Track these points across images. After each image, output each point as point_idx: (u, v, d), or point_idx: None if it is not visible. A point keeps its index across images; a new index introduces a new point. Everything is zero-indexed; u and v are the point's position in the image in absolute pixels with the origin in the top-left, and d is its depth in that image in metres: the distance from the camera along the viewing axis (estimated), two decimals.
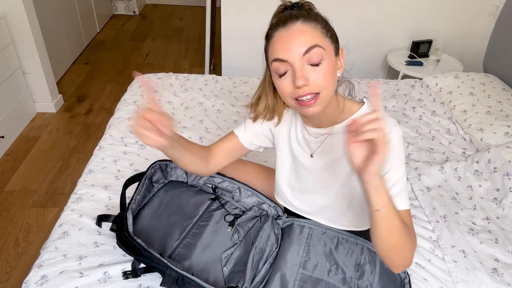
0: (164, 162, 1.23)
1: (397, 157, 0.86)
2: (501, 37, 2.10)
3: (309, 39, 0.79)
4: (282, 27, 0.81)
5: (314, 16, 0.82)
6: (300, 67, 0.79)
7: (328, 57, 0.81)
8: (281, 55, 0.80)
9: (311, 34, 0.80)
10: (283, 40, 0.80)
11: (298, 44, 0.79)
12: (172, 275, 0.93)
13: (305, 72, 0.80)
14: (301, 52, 0.79)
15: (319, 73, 0.80)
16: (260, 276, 0.98)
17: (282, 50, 0.80)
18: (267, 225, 1.09)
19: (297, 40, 0.79)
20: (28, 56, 2.43)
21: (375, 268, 1.02)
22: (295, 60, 0.79)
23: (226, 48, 2.74)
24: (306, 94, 0.80)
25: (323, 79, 0.81)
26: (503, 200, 1.43)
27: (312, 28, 0.80)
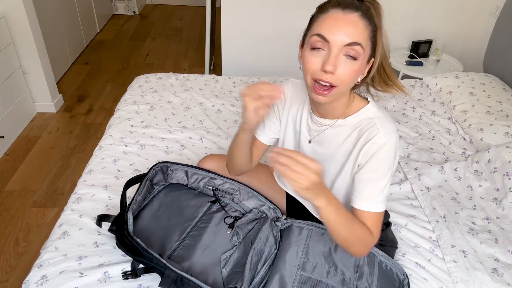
0: (165, 164, 1.24)
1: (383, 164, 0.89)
2: (501, 37, 2.10)
3: (358, 34, 0.80)
4: (340, 8, 0.81)
5: (370, 17, 0.83)
6: (337, 54, 0.81)
7: (361, 60, 0.82)
8: (326, 34, 0.80)
9: (362, 31, 0.81)
10: (335, 21, 0.80)
11: (348, 33, 0.79)
12: (171, 276, 0.93)
13: (337, 61, 0.81)
14: (345, 41, 0.80)
15: (348, 68, 0.82)
16: (259, 277, 0.98)
17: (329, 29, 0.80)
18: (266, 227, 1.09)
19: (348, 28, 0.80)
20: (28, 56, 2.43)
21: (374, 270, 1.02)
22: (336, 46, 0.80)
23: (226, 48, 2.74)
24: (326, 81, 0.82)
25: (347, 76, 0.82)
26: (503, 200, 1.43)
27: (365, 27, 0.81)
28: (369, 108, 0.94)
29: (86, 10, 3.60)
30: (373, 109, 0.94)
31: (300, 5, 2.57)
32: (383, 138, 0.88)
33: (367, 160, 0.90)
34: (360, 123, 0.93)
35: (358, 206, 0.91)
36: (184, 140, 1.66)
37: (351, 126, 0.94)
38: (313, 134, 1.01)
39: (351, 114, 0.95)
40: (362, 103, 0.95)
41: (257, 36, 2.70)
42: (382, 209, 0.91)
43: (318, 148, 1.01)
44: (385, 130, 0.89)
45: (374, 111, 0.93)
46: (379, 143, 0.88)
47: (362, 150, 0.90)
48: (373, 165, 0.89)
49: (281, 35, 2.68)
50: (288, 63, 2.80)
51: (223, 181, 1.23)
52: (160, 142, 1.63)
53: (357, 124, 0.93)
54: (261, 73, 2.78)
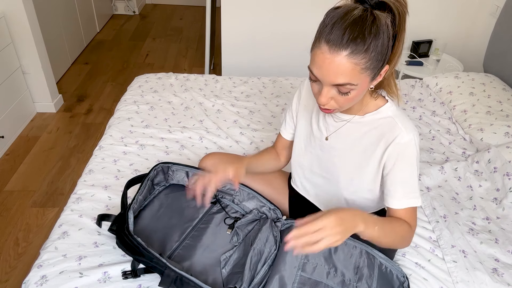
0: (166, 165, 1.23)
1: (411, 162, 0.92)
2: (501, 37, 2.10)
3: (346, 76, 0.79)
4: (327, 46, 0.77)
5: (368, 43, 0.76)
6: (328, 90, 0.83)
7: (357, 89, 0.82)
8: (316, 72, 0.82)
9: (350, 72, 0.78)
10: (322, 62, 0.79)
11: (335, 75, 0.79)
12: (170, 275, 0.93)
13: (330, 93, 0.83)
14: (334, 82, 0.80)
15: (343, 98, 0.84)
16: (258, 277, 0.98)
17: (317, 69, 0.81)
18: (266, 227, 1.09)
19: (335, 71, 0.79)
20: (28, 56, 2.43)
21: (374, 272, 1.02)
22: (325, 84, 0.82)
23: (226, 48, 2.74)
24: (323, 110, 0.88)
25: (344, 103, 0.85)
26: (503, 200, 1.43)
27: (353, 65, 0.77)
28: (388, 107, 0.95)
29: (86, 10, 3.60)
30: (392, 108, 0.95)
31: (300, 5, 2.57)
32: (406, 137, 0.90)
33: (394, 161, 0.92)
34: (379, 122, 0.94)
35: (396, 206, 0.94)
36: (184, 140, 1.66)
37: (370, 124, 0.95)
38: (330, 130, 1.02)
39: (369, 111, 0.95)
40: (381, 102, 0.96)
41: (257, 36, 2.70)
42: (419, 203, 0.94)
43: (334, 143, 1.02)
44: (407, 128, 0.91)
45: (393, 110, 0.94)
46: (403, 143, 0.90)
47: (387, 151, 0.92)
48: (402, 165, 0.92)
49: (281, 35, 2.68)
50: (288, 63, 2.80)
51: None
52: (160, 142, 1.63)
53: (377, 123, 0.94)
54: (261, 73, 2.78)
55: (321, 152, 1.06)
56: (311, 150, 1.08)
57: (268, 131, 1.75)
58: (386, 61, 0.83)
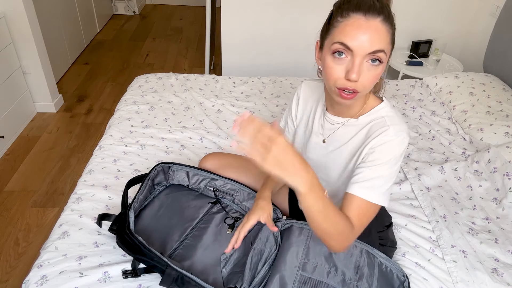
0: (166, 165, 1.24)
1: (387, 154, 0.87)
2: (501, 37, 2.10)
3: (382, 41, 0.78)
4: (361, 14, 0.78)
5: (391, 20, 0.81)
6: (361, 62, 0.79)
7: (383, 63, 0.82)
8: (349, 42, 0.78)
9: (385, 37, 0.79)
10: (358, 29, 0.77)
11: (372, 41, 0.77)
12: (171, 274, 0.93)
13: (361, 69, 0.80)
14: (369, 50, 0.78)
15: (371, 74, 0.81)
16: (259, 277, 0.98)
17: (353, 38, 0.78)
18: (266, 227, 1.09)
19: (372, 37, 0.77)
20: (28, 56, 2.43)
21: (374, 271, 1.02)
22: (360, 54, 0.78)
23: (226, 48, 2.74)
24: (351, 89, 0.81)
25: (370, 81, 0.82)
26: (503, 200, 1.43)
27: (387, 32, 0.80)
28: (382, 107, 0.94)
29: (86, 10, 3.60)
30: (386, 108, 0.94)
31: (300, 5, 2.57)
32: (391, 135, 0.88)
33: (372, 152, 0.88)
34: (371, 122, 0.93)
35: (352, 191, 0.86)
36: (184, 140, 1.66)
37: (363, 125, 0.95)
38: (326, 133, 1.02)
39: (364, 113, 0.95)
40: (376, 102, 0.96)
41: (257, 36, 2.70)
42: (378, 201, 0.85)
43: (329, 146, 1.02)
44: (395, 128, 0.88)
45: (387, 110, 0.93)
46: (385, 139, 0.88)
47: (368, 145, 0.89)
48: (376, 154, 0.87)
49: (281, 35, 2.68)
50: (288, 63, 2.80)
51: (224, 182, 1.23)
52: (160, 142, 1.63)
53: (369, 123, 0.94)
54: (261, 73, 2.78)
55: (317, 155, 1.06)
56: (308, 155, 1.08)
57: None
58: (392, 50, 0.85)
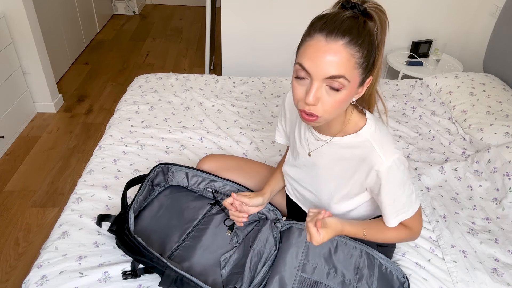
0: (166, 165, 1.24)
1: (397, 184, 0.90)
2: (501, 37, 2.10)
3: (341, 67, 0.75)
4: (323, 35, 0.75)
5: (362, 38, 0.76)
6: (318, 87, 0.77)
7: (348, 89, 0.78)
8: (307, 65, 0.77)
9: (346, 62, 0.75)
10: (317, 52, 0.75)
11: (328, 66, 0.75)
12: (171, 275, 0.93)
13: (319, 92, 0.78)
14: (326, 74, 0.76)
15: (331, 99, 0.79)
16: (258, 278, 0.98)
17: (310, 61, 0.76)
18: (266, 228, 1.09)
19: (329, 62, 0.75)
20: (28, 56, 2.43)
21: (374, 272, 1.02)
22: (317, 78, 0.77)
23: (226, 48, 2.74)
24: (308, 113, 0.81)
25: (331, 107, 0.80)
26: (503, 200, 1.43)
27: (350, 56, 0.75)
28: (366, 130, 0.91)
29: (86, 10, 3.60)
30: (371, 130, 0.91)
31: (299, 5, 2.57)
32: (385, 164, 0.87)
33: (379, 187, 0.90)
34: (358, 145, 0.91)
35: (389, 225, 0.97)
36: (184, 140, 1.66)
37: (348, 147, 0.93)
38: (311, 148, 1.01)
39: (348, 133, 0.92)
40: (360, 121, 0.92)
41: (257, 36, 2.70)
42: (414, 212, 0.96)
43: (316, 160, 1.01)
44: (386, 153, 0.87)
45: (372, 132, 0.91)
46: (383, 170, 0.88)
47: (369, 177, 0.91)
48: (387, 189, 0.90)
49: (281, 35, 2.68)
50: (288, 63, 2.80)
51: (223, 183, 1.23)
52: (160, 142, 1.63)
53: (355, 146, 0.92)
54: (261, 73, 2.78)
55: (305, 167, 1.05)
56: (296, 164, 1.08)
57: (268, 131, 1.76)
58: (370, 70, 0.82)
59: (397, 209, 0.94)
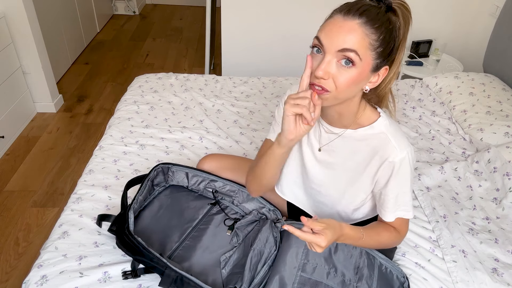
0: (166, 166, 1.24)
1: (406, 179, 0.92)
2: (501, 37, 2.10)
3: (353, 42, 0.77)
4: (341, 14, 0.79)
5: (380, 22, 0.79)
6: (329, 60, 0.79)
7: (360, 68, 0.79)
8: (322, 37, 0.79)
9: (359, 39, 0.77)
10: (333, 27, 0.79)
11: (342, 39, 0.77)
12: (170, 275, 0.93)
13: (330, 67, 0.79)
14: (338, 47, 0.77)
15: (342, 75, 0.79)
16: (258, 278, 0.98)
17: (326, 34, 0.79)
18: (266, 228, 1.09)
19: (343, 36, 0.77)
20: (28, 56, 2.43)
21: (374, 272, 1.02)
22: (329, 51, 0.78)
23: (226, 48, 2.74)
24: (318, 85, 0.80)
25: (341, 82, 0.79)
26: (503, 200, 1.43)
27: (364, 34, 0.77)
28: (381, 122, 0.92)
29: (86, 10, 3.60)
30: (386, 122, 0.92)
31: (300, 5, 2.57)
32: (399, 155, 0.88)
33: (388, 178, 0.91)
34: (372, 138, 0.92)
35: (389, 219, 0.97)
36: (184, 140, 1.66)
37: (363, 139, 0.93)
38: (323, 142, 0.99)
39: (362, 126, 0.93)
40: (374, 115, 0.93)
41: (257, 36, 2.70)
42: (409, 216, 0.97)
43: (327, 157, 0.99)
44: (400, 146, 0.89)
45: (387, 125, 0.92)
46: (396, 161, 0.89)
47: (381, 169, 0.91)
48: (395, 183, 0.91)
49: (281, 35, 2.68)
50: (288, 63, 2.80)
51: (224, 183, 1.23)
52: (160, 142, 1.63)
53: (370, 139, 0.92)
54: (261, 73, 2.78)
55: (311, 164, 1.03)
56: (298, 162, 1.06)
57: (268, 131, 1.75)
58: (387, 61, 0.83)
59: (398, 205, 0.94)
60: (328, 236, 0.80)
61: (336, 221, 0.86)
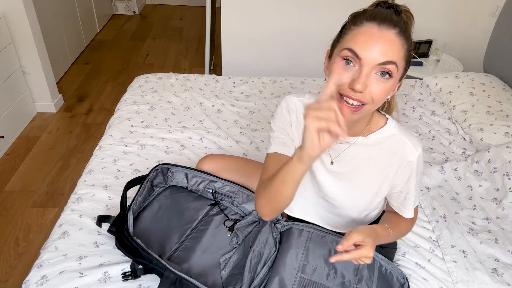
0: (165, 166, 1.23)
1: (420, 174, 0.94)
2: (501, 37, 2.10)
3: (394, 54, 0.75)
4: (375, 23, 0.75)
5: (408, 33, 0.78)
6: (368, 73, 0.75)
7: (394, 78, 0.78)
8: (359, 50, 0.74)
9: (398, 50, 0.75)
10: (370, 37, 0.74)
11: (383, 52, 0.74)
12: (170, 277, 0.93)
13: (368, 80, 0.75)
14: (379, 60, 0.74)
15: (380, 87, 0.77)
16: (258, 279, 0.98)
17: (363, 46, 0.74)
18: (265, 229, 1.09)
19: (384, 47, 0.74)
20: (28, 56, 2.43)
21: (374, 273, 1.02)
22: (369, 64, 0.74)
23: (226, 48, 2.74)
24: (355, 99, 0.76)
25: (378, 95, 0.77)
26: (503, 200, 1.43)
27: (401, 45, 0.76)
28: (391, 125, 0.93)
29: (86, 10, 3.60)
30: (394, 124, 0.93)
31: (300, 5, 2.57)
32: (416, 153, 0.90)
33: (408, 177, 0.93)
34: (385, 141, 0.92)
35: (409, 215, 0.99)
36: (184, 140, 1.66)
37: (376, 144, 0.92)
38: (334, 154, 0.96)
39: (372, 131, 0.92)
40: (381, 119, 0.93)
41: (257, 36, 2.69)
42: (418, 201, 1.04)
43: (340, 168, 0.96)
44: (415, 144, 0.91)
45: (396, 127, 0.93)
46: (415, 160, 0.91)
47: (401, 168, 0.92)
48: (413, 179, 0.93)
49: (281, 35, 2.68)
50: (288, 63, 2.80)
51: (223, 184, 1.23)
52: (160, 142, 1.63)
53: (383, 142, 0.92)
54: (261, 73, 2.78)
55: (324, 179, 0.98)
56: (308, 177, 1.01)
57: (268, 131, 1.75)
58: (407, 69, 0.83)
59: (415, 198, 0.98)
60: (369, 243, 0.80)
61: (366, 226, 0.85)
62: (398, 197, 0.98)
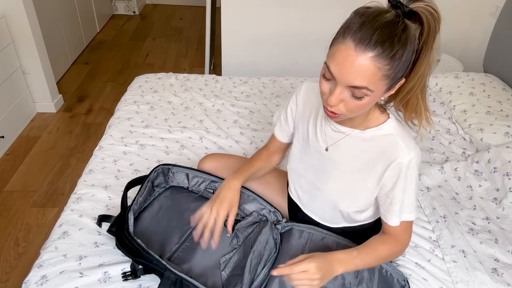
0: (166, 167, 1.23)
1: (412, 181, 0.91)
2: (501, 37, 2.10)
3: (364, 79, 0.74)
4: (354, 43, 0.73)
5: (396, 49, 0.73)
6: (340, 91, 0.78)
7: (372, 96, 0.78)
8: (333, 69, 0.77)
9: (371, 75, 0.74)
10: (344, 59, 0.74)
11: (354, 76, 0.74)
12: (170, 277, 0.93)
13: (342, 95, 0.79)
14: (351, 83, 0.76)
15: (353, 103, 0.79)
16: (258, 280, 0.98)
17: (337, 67, 0.76)
18: (266, 230, 1.09)
19: (355, 72, 0.74)
20: (28, 56, 2.43)
21: (374, 275, 1.02)
22: (340, 84, 0.77)
23: (226, 48, 2.74)
24: (330, 111, 0.83)
25: (352, 110, 0.81)
26: (503, 200, 1.43)
27: (376, 69, 0.74)
28: (390, 124, 0.92)
29: (86, 10, 3.60)
30: (394, 124, 0.92)
31: (300, 5, 2.57)
32: (407, 157, 0.88)
33: (395, 181, 0.91)
34: (381, 139, 0.92)
35: (394, 223, 0.95)
36: (184, 140, 1.66)
37: (371, 140, 0.93)
38: (329, 141, 0.98)
39: (370, 126, 0.93)
40: (382, 117, 0.93)
41: (257, 36, 2.69)
42: (414, 217, 0.95)
43: (333, 155, 0.99)
44: (409, 148, 0.89)
45: (395, 127, 0.92)
46: (404, 163, 0.88)
47: (388, 170, 0.91)
48: (402, 185, 0.91)
49: (281, 35, 2.68)
50: (288, 63, 2.80)
51: None
52: (160, 142, 1.63)
53: (378, 140, 0.92)
54: (261, 73, 2.78)
55: (317, 162, 1.03)
56: (306, 159, 1.06)
57: (268, 131, 1.76)
58: (404, 74, 0.80)
59: (403, 207, 0.94)
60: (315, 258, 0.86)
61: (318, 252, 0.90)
62: (385, 201, 0.95)
